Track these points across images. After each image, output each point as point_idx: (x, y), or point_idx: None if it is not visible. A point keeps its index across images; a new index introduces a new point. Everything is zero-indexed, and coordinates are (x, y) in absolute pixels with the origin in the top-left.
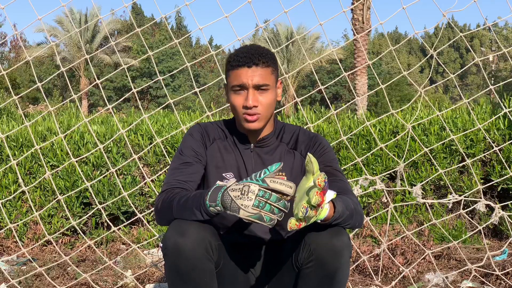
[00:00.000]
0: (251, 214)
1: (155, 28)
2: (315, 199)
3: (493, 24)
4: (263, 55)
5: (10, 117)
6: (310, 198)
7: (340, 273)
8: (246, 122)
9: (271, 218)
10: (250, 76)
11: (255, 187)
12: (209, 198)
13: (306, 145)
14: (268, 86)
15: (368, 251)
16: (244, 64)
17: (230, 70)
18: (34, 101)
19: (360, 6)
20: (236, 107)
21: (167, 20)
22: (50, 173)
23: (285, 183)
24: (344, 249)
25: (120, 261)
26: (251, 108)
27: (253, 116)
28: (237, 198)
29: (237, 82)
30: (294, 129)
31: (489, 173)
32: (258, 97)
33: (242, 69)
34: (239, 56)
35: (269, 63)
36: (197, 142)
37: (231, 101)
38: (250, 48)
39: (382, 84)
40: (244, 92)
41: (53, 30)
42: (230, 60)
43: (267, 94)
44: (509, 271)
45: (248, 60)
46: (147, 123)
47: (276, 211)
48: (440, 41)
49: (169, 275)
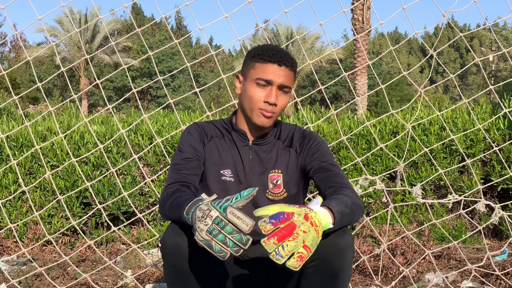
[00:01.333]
0: (202, 240)
1: (155, 28)
2: (269, 246)
3: (493, 24)
4: (292, 59)
5: (10, 117)
6: (267, 248)
7: (344, 272)
8: (260, 117)
9: (221, 250)
10: (278, 74)
11: (214, 213)
12: (186, 210)
13: (300, 143)
14: (289, 89)
15: (368, 251)
16: (275, 61)
17: (257, 62)
18: (34, 101)
19: (360, 6)
20: (255, 100)
21: (167, 20)
22: (50, 173)
23: (243, 218)
24: (348, 248)
25: (120, 261)
26: (272, 105)
27: (269, 113)
28: (197, 219)
29: (264, 76)
30: (290, 128)
31: (489, 173)
32: (279, 97)
33: (273, 65)
34: (270, 52)
35: (294, 68)
36: (196, 140)
37: (250, 92)
38: (280, 48)
39: (382, 84)
40: (268, 88)
41: (53, 30)
42: (260, 53)
43: (286, 97)
44: (509, 271)
45: (280, 59)
46: (147, 123)
47: (230, 244)
48: (440, 41)
49: (168, 274)
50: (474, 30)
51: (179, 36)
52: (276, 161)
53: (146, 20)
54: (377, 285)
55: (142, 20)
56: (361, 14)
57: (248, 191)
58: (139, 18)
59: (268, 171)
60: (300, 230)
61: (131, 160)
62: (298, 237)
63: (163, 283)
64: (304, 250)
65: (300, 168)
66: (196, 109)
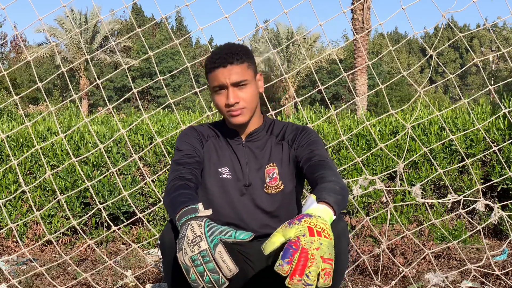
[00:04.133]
0: (183, 263)
1: (155, 28)
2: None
3: (492, 24)
4: (236, 52)
5: (10, 117)
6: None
7: (339, 258)
8: (231, 117)
9: (196, 281)
10: (227, 75)
11: (204, 245)
12: (179, 215)
13: (293, 135)
14: (246, 81)
15: (368, 251)
16: (219, 65)
17: (208, 73)
18: (34, 101)
19: (360, 6)
20: (220, 107)
21: (167, 20)
22: (50, 173)
23: (228, 263)
24: (341, 234)
25: (120, 261)
26: (233, 105)
27: (236, 111)
28: (185, 241)
29: (216, 83)
30: (284, 124)
31: (489, 173)
32: (239, 93)
33: (218, 69)
34: (214, 58)
35: (243, 59)
36: (194, 139)
37: (214, 102)
38: (223, 48)
39: (382, 84)
40: (225, 91)
41: (53, 30)
42: (207, 64)
43: (247, 89)
44: (509, 271)
45: (223, 60)
46: (147, 123)
47: (206, 279)
48: (440, 41)
49: (167, 272)
50: (473, 30)
51: (179, 36)
52: (270, 156)
53: (146, 20)
54: (377, 285)
55: (142, 20)
56: (361, 14)
57: (244, 237)
58: (139, 18)
59: (264, 166)
60: (312, 250)
61: (131, 160)
62: (315, 259)
63: (163, 283)
64: (326, 265)
65: (293, 160)
66: (196, 109)
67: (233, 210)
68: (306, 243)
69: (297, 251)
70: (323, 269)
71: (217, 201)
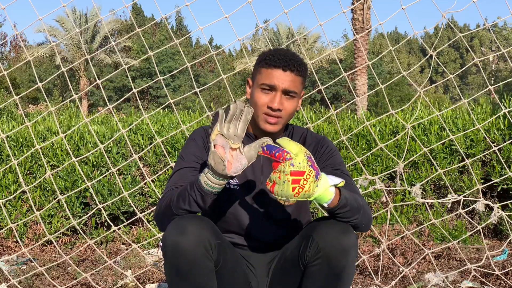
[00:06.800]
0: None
1: (155, 28)
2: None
3: (492, 24)
4: (299, 63)
5: (10, 117)
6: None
7: (347, 271)
8: (265, 122)
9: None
10: (282, 80)
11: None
12: (200, 176)
13: (313, 147)
14: (295, 94)
15: (368, 251)
16: (280, 66)
17: (263, 68)
18: (34, 101)
19: (360, 6)
20: (259, 105)
21: (167, 20)
22: (50, 173)
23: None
24: (351, 247)
25: (120, 261)
26: (275, 110)
27: (274, 118)
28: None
29: (268, 81)
30: (302, 131)
31: (489, 173)
32: (284, 102)
33: (277, 70)
34: (276, 57)
35: (302, 73)
36: (199, 147)
37: (254, 98)
38: (288, 52)
39: (382, 84)
40: (272, 93)
41: (53, 30)
42: (266, 58)
43: (292, 102)
44: (509, 271)
45: (285, 64)
46: (147, 123)
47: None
48: (440, 41)
49: (169, 274)
50: (473, 30)
51: (179, 36)
52: None
53: (146, 20)
54: (377, 285)
55: (142, 20)
56: (361, 14)
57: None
58: (139, 18)
59: None
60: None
61: (131, 160)
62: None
63: (163, 283)
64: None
65: None
66: (196, 109)
67: (239, 220)
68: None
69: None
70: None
71: (222, 210)
